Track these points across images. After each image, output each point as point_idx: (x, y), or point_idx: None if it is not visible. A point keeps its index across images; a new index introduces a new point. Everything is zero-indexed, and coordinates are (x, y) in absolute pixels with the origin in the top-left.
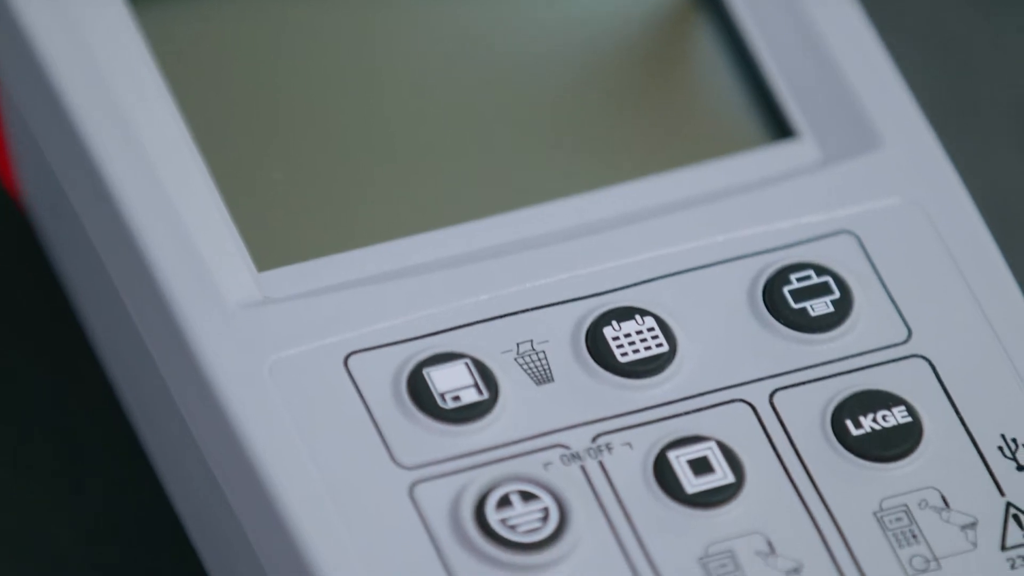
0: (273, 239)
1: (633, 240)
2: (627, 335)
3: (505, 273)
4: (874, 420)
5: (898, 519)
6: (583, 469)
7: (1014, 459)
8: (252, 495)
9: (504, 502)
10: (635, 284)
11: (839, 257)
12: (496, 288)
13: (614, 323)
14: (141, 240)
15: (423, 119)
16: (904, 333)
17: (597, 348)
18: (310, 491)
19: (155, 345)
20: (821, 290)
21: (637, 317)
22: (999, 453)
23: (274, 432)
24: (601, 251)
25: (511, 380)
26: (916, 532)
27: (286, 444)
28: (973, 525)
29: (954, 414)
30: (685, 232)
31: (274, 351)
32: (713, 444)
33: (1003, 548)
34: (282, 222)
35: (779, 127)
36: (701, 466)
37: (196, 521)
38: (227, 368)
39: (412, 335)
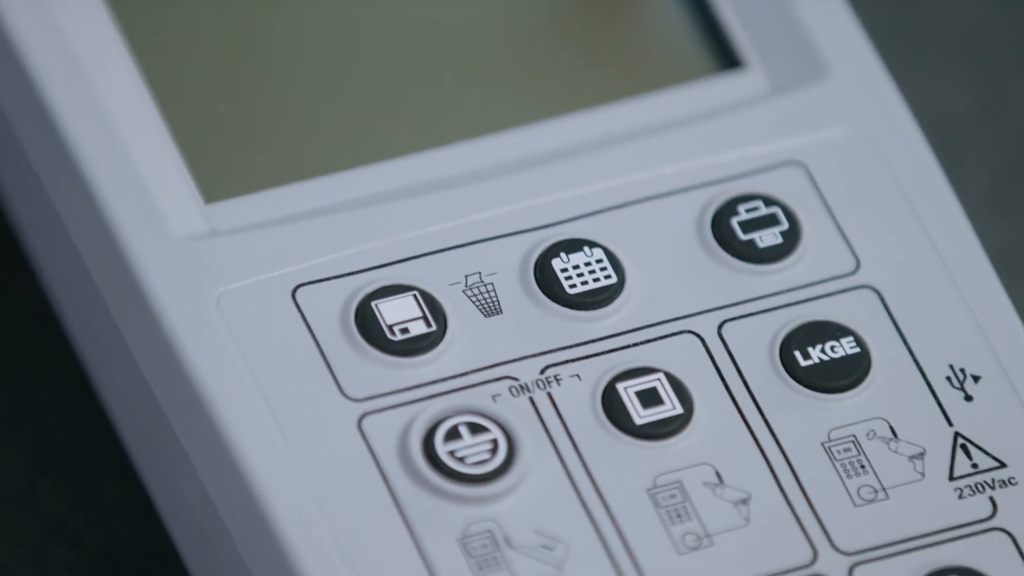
0: (220, 171)
1: (581, 172)
2: (575, 267)
3: (453, 205)
4: (822, 351)
5: (846, 449)
6: (532, 401)
7: (962, 389)
8: (200, 428)
9: (452, 434)
10: (583, 216)
11: (787, 188)
12: (444, 220)
13: (562, 255)
14: (87, 172)
15: (370, 52)
16: (852, 264)
17: (545, 280)
18: (258, 423)
19: (102, 279)
20: (769, 221)
21: (585, 249)
22: (947, 383)
23: (222, 365)
24: (549, 183)
25: (459, 312)
26: (864, 462)
27: (234, 377)
28: (921, 455)
29: (902, 345)
30: (633, 164)
31: (221, 284)
32: (661, 376)
33: (951, 478)
34: (229, 154)
35: (726, 57)
36: (649, 398)
37: (145, 455)
38: (174, 301)
39: (360, 267)
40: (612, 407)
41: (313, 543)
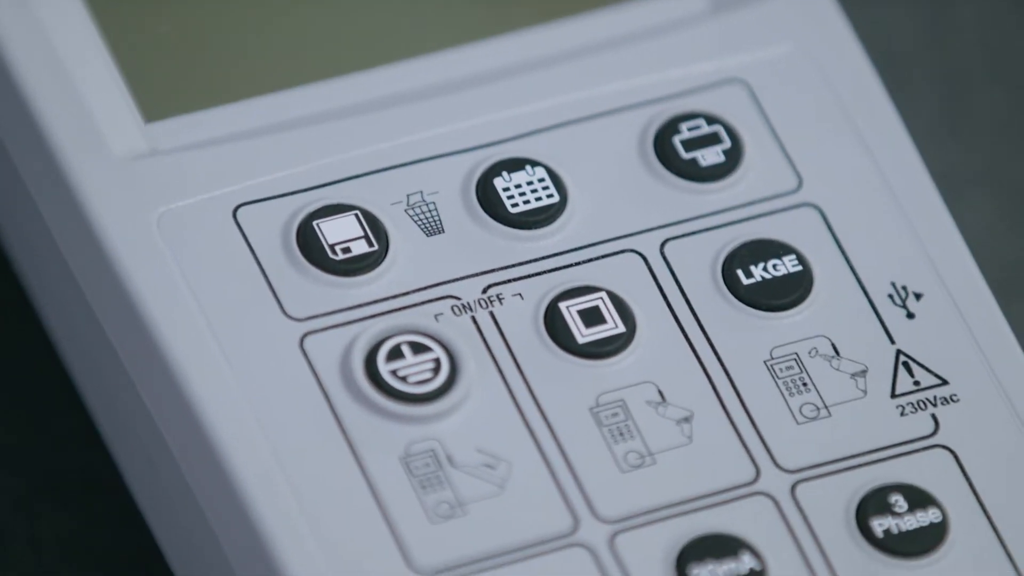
0: (160, 90)
1: (522, 91)
2: (517, 186)
3: (395, 124)
4: (764, 269)
5: (788, 367)
6: (474, 320)
7: (904, 307)
8: (141, 349)
9: (395, 354)
10: (525, 135)
11: (729, 106)
12: (385, 139)
13: (504, 174)
14: (26, 91)
15: None
16: (795, 182)
17: (487, 199)
18: (200, 343)
19: (42, 199)
20: (711, 139)
21: (527, 168)
22: (889, 301)
23: (163, 284)
24: (490, 102)
25: (401, 232)
26: (806, 380)
27: (175, 296)
28: (863, 373)
29: (844, 263)
30: (575, 82)
31: (162, 203)
32: (604, 295)
33: (893, 395)
34: (169, 73)
35: None
36: (592, 317)
37: (90, 381)
38: (114, 220)
39: (301, 187)
40: (554, 326)
41: (254, 462)
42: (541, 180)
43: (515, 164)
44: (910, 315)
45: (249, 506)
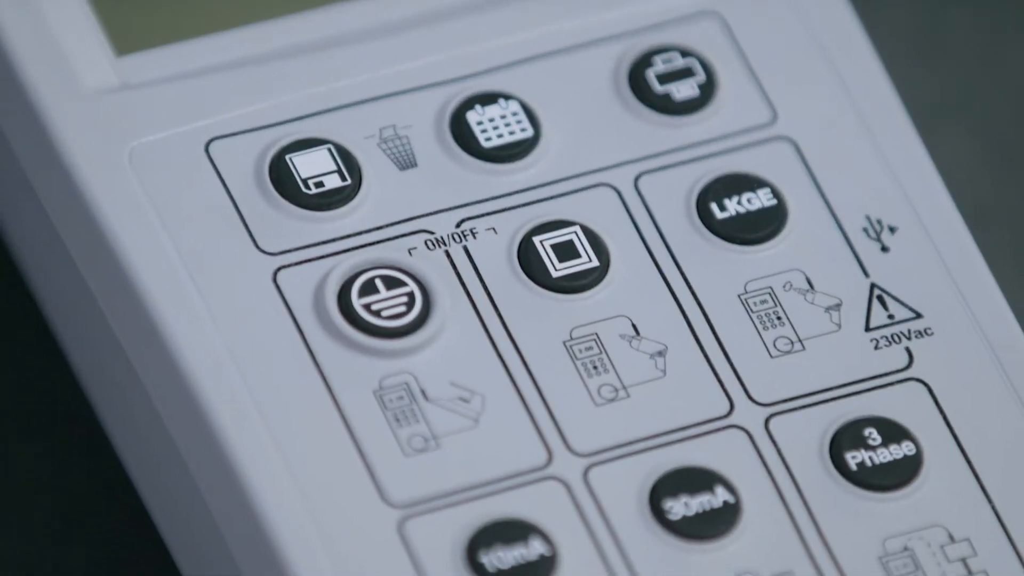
0: (132, 23)
1: (496, 24)
2: (491, 119)
3: (368, 58)
4: (739, 203)
5: (763, 301)
6: (448, 254)
7: (878, 240)
8: (114, 283)
9: (368, 288)
10: (499, 68)
11: (704, 39)
12: (358, 73)
13: (478, 107)
14: None
15: None
16: (769, 115)
17: (461, 132)
18: (172, 277)
19: (14, 134)
20: (685, 72)
21: (501, 101)
22: (864, 234)
23: (135, 219)
24: (464, 35)
25: (374, 166)
26: (781, 314)
27: (148, 231)
28: (837, 307)
29: (819, 196)
30: (549, 15)
31: (133, 137)
32: (578, 228)
33: (867, 329)
34: (140, 6)
35: None
36: (566, 251)
37: (66, 320)
38: (86, 155)
39: (274, 121)
40: (528, 260)
41: (227, 395)
42: (515, 114)
43: (489, 98)
44: (884, 249)
45: (220, 437)
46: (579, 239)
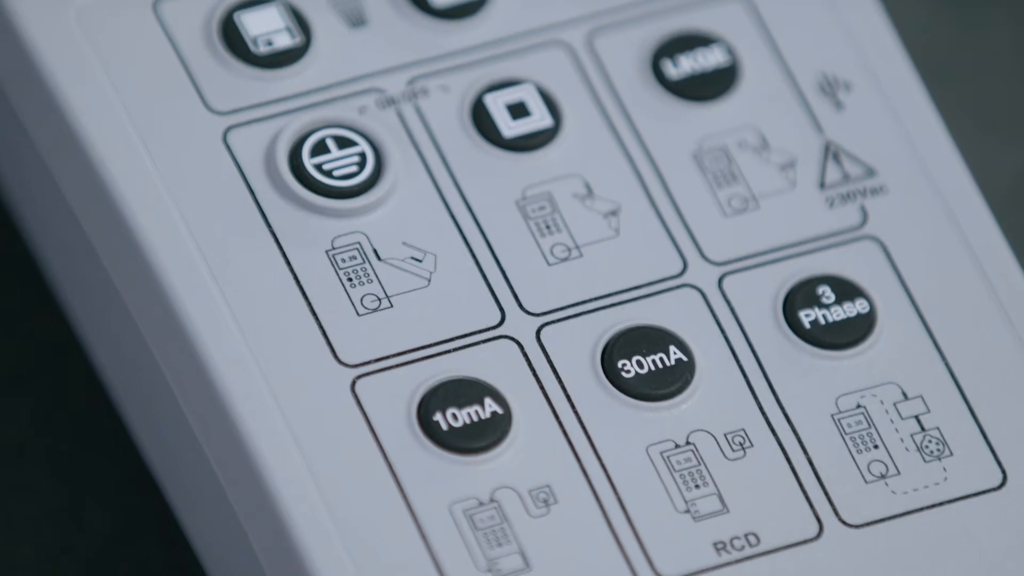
0: None
1: None
2: None
3: None
4: (694, 60)
5: (717, 159)
6: (399, 113)
7: (833, 97)
8: (63, 148)
9: (320, 148)
10: None
11: None
12: None
13: None
14: None
15: None
16: None
17: None
18: (121, 136)
19: None
20: None
21: None
22: (818, 91)
23: (84, 79)
24: None
25: (325, 24)
26: (735, 172)
27: (97, 92)
28: (792, 164)
29: (774, 52)
30: None
31: None
32: (531, 87)
33: (822, 187)
34: None
35: None
36: (518, 109)
37: (21, 190)
38: (32, 15)
39: None
40: (481, 119)
41: (177, 253)
42: None
43: None
44: (839, 105)
45: (171, 297)
46: (532, 98)
